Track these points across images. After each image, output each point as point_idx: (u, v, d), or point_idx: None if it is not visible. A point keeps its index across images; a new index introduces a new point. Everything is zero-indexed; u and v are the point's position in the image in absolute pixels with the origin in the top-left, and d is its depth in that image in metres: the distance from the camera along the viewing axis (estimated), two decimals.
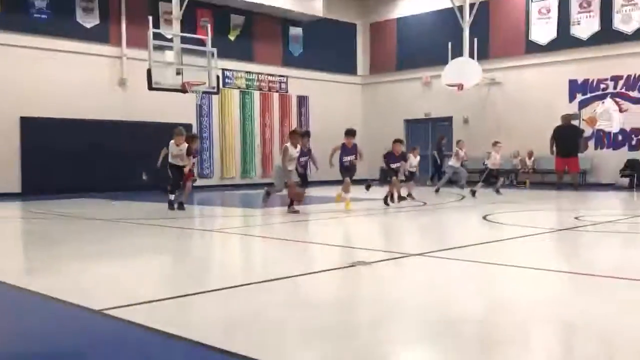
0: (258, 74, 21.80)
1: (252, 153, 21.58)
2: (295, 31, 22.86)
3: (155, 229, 9.11)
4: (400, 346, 3.43)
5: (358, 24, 24.99)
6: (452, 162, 15.70)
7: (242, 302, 4.52)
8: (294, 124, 22.65)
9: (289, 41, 22.76)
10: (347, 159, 11.63)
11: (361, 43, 25.13)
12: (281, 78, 22.48)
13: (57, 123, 17.10)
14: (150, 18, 15.25)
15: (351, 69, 24.87)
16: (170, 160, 11.41)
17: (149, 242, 7.82)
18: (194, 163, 12.66)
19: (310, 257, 6.75)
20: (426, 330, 3.75)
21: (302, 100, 23.02)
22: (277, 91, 22.40)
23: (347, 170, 11.70)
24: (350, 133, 11.75)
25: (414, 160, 13.85)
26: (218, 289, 4.93)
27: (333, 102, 23.48)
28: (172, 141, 11.41)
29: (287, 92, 22.66)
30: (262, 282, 5.17)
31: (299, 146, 11.04)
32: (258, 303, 4.46)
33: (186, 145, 11.37)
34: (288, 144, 11.06)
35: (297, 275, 5.46)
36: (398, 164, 12.39)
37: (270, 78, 22.17)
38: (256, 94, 21.78)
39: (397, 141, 12.70)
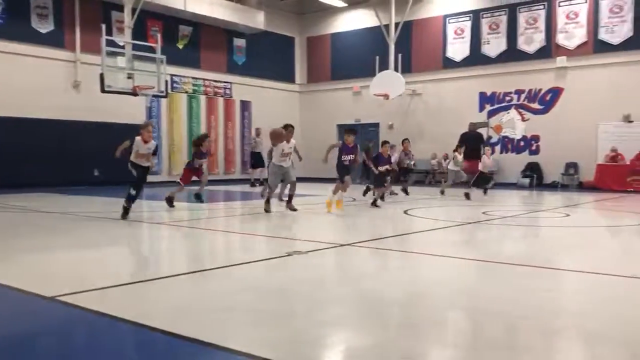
0: (204, 79, 21.53)
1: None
2: (239, 42, 22.70)
3: (107, 222, 8.86)
4: (333, 327, 3.48)
5: (296, 38, 25.03)
6: (451, 165, 14.78)
7: (188, 288, 4.47)
8: (237, 127, 22.50)
9: (233, 50, 22.57)
10: (347, 158, 10.40)
11: (299, 54, 25.18)
12: (226, 84, 22.26)
13: (13, 122, 16.32)
14: (104, 26, 14.85)
15: (290, 78, 24.89)
16: (133, 159, 8.75)
17: (101, 234, 7.61)
18: (204, 161, 11.54)
19: (251, 248, 6.73)
20: (355, 312, 3.82)
21: (245, 105, 22.87)
22: (221, 96, 22.17)
23: (347, 169, 10.52)
24: (352, 131, 10.57)
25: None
26: (166, 277, 4.86)
27: (273, 107, 23.42)
28: (138, 137, 8.67)
29: (231, 97, 22.46)
30: (207, 270, 5.12)
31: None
32: (203, 289, 4.42)
33: (155, 143, 8.87)
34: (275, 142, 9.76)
35: (238, 264, 5.44)
36: (387, 166, 11.50)
37: (215, 84, 21.91)
38: (202, 98, 21.50)
39: (386, 142, 11.74)
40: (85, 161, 17.16)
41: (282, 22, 24.09)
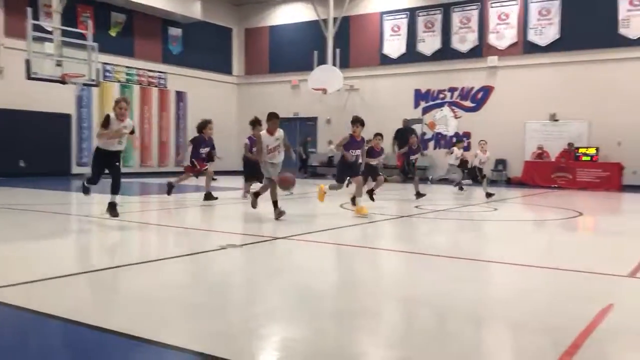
0: (138, 69, 20.97)
1: (130, 143, 20.65)
2: (175, 31, 22.25)
3: (34, 215, 8.51)
4: (267, 320, 3.49)
5: (234, 29, 24.76)
6: (452, 160, 14.55)
7: (119, 282, 4.38)
8: (172, 118, 22.06)
9: (168, 40, 22.10)
10: (354, 153, 9.00)
11: (237, 46, 24.93)
12: (160, 74, 21.77)
13: None
14: (30, 10, 14.18)
15: (227, 69, 24.62)
16: (101, 145, 7.54)
17: (27, 227, 7.30)
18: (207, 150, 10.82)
19: (185, 241, 6.64)
20: (289, 304, 3.85)
21: (181, 96, 22.45)
22: (156, 86, 21.66)
23: (351, 168, 9.08)
24: (359, 121, 9.06)
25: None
26: (96, 270, 4.73)
27: (210, 98, 23.12)
28: (111, 114, 7.47)
29: (166, 87, 21.99)
30: (139, 263, 5.02)
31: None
32: (134, 283, 4.34)
33: (132, 123, 7.61)
34: (263, 132, 8.37)
35: (172, 258, 5.36)
36: (377, 161, 10.56)
37: (149, 73, 21.39)
38: (136, 88, 20.94)
39: (378, 135, 10.52)
40: (10, 151, 16.40)
41: (220, 12, 23.78)
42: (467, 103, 19.86)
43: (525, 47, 18.81)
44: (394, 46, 21.09)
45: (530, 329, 3.36)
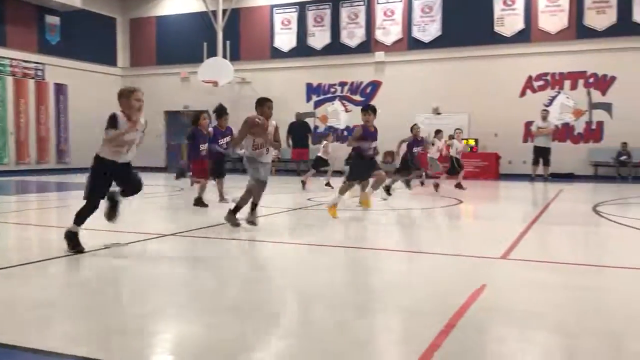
0: (11, 59, 19.50)
1: (4, 139, 19.27)
2: (53, 20, 20.91)
3: None
4: (155, 317, 3.44)
5: (118, 18, 23.73)
6: (431, 153, 13.90)
7: None
8: (51, 112, 20.77)
9: (45, 29, 20.73)
10: (370, 146, 7.92)
11: (121, 37, 23.91)
12: (37, 65, 20.39)
13: None
14: None
15: (111, 61, 23.55)
16: (105, 154, 5.30)
17: None
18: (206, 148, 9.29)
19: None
20: (179, 302, 3.81)
21: (61, 89, 21.17)
22: (32, 78, 20.27)
23: (368, 166, 8.12)
24: (371, 108, 7.95)
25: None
26: None
27: (93, 91, 21.94)
28: (118, 112, 5.45)
29: (44, 79, 20.65)
30: (16, 266, 4.73)
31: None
32: (7, 288, 4.09)
33: (145, 122, 5.68)
34: (250, 117, 7.14)
35: (49, 260, 5.10)
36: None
37: (25, 64, 19.97)
38: (9, 80, 19.47)
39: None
40: None
41: (102, 1, 22.69)
42: (357, 97, 20.40)
43: (410, 43, 19.61)
44: (284, 40, 21.20)
45: (411, 312, 3.56)
